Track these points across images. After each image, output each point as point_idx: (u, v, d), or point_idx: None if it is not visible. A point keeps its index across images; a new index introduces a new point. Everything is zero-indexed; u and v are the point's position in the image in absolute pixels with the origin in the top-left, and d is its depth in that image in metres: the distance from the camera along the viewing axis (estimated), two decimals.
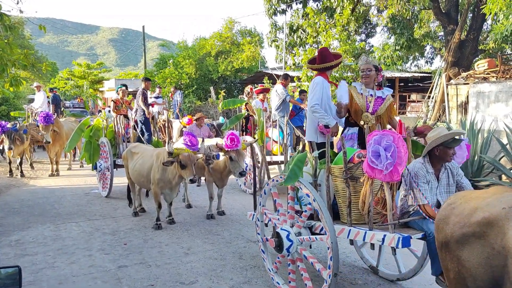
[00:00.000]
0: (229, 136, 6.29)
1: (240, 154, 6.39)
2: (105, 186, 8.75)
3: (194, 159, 5.88)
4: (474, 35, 14.76)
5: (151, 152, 6.69)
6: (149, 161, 6.48)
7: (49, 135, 10.93)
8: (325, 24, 13.09)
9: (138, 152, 6.91)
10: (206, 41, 28.61)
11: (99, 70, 44.75)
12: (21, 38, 24.20)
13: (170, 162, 5.83)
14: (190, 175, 5.78)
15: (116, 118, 8.76)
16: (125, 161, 7.16)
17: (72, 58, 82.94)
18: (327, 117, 4.85)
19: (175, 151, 5.81)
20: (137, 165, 6.69)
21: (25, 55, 7.55)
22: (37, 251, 5.49)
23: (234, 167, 6.38)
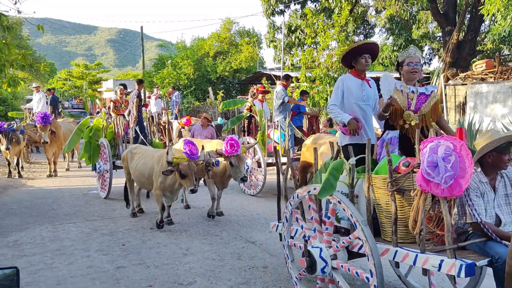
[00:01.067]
0: (229, 141, 6.16)
1: (240, 159, 6.26)
2: (104, 187, 8.64)
3: (194, 169, 5.67)
4: (472, 36, 14.80)
5: (152, 153, 6.59)
6: (150, 163, 6.37)
7: (47, 135, 10.85)
8: (323, 24, 13.10)
9: (139, 153, 6.81)
10: (205, 41, 28.62)
11: (97, 70, 44.75)
12: (19, 38, 24.15)
13: (170, 171, 5.63)
14: (190, 185, 5.59)
15: (116, 119, 8.63)
16: (124, 162, 7.04)
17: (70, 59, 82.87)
18: (340, 115, 4.46)
19: (175, 161, 5.58)
20: (139, 165, 6.59)
21: (23, 55, 7.55)
22: (35, 252, 5.48)
23: (235, 173, 6.26)
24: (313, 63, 12.91)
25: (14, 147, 10.62)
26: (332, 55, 12.65)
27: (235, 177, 6.28)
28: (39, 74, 26.60)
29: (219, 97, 21.96)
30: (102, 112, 9.78)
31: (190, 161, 5.62)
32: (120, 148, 8.53)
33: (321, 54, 12.88)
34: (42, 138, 10.88)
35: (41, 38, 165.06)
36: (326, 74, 12.38)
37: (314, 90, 12.98)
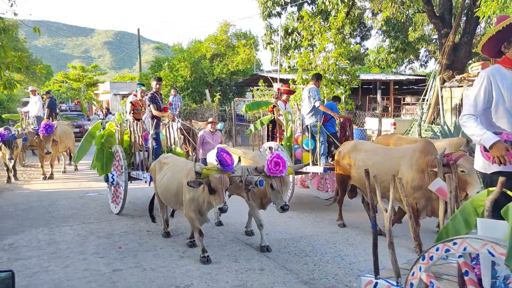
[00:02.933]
0: (274, 158, 5.03)
1: (284, 182, 5.10)
2: (117, 201, 7.54)
3: (226, 183, 4.71)
4: (468, 38, 14.87)
5: (182, 165, 5.62)
6: (178, 176, 5.39)
7: (49, 145, 10.54)
8: (320, 27, 13.13)
9: (168, 163, 5.90)
10: (202, 44, 28.62)
11: (94, 73, 44.66)
12: (15, 40, 24.10)
13: (198, 183, 4.68)
14: (220, 202, 4.60)
15: (134, 124, 7.51)
16: (153, 173, 6.19)
17: (67, 61, 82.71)
18: (478, 132, 3.09)
19: (204, 171, 4.70)
20: (164, 178, 5.68)
21: (19, 57, 7.54)
22: (31, 255, 5.46)
23: (275, 198, 5.12)
24: (309, 65, 12.93)
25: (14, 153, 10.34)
26: (329, 57, 12.68)
27: (274, 202, 5.15)
28: (35, 76, 26.54)
29: (216, 99, 21.95)
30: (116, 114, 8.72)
31: (222, 173, 4.74)
32: (137, 157, 7.54)
33: (317, 57, 12.90)
34: (45, 149, 10.51)
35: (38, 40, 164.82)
36: (323, 76, 12.39)
37: None
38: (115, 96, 41.39)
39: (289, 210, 5.43)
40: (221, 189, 4.64)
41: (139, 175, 7.40)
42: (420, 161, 5.22)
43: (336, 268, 4.99)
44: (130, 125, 7.61)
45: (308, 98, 7.84)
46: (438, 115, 14.41)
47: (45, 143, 10.44)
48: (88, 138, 8.34)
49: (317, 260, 5.21)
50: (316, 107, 7.72)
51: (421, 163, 5.20)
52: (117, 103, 39.03)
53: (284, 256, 5.39)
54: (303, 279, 4.66)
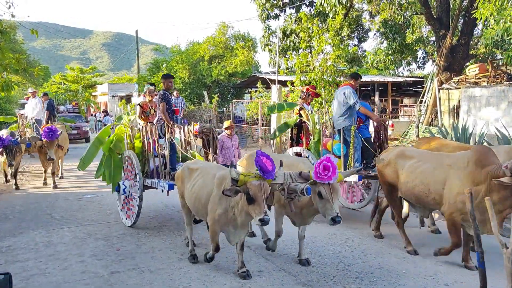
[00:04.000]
0: (323, 162, 4.36)
1: (334, 190, 4.40)
2: (128, 213, 6.84)
3: (267, 191, 4.19)
4: (465, 40, 14.91)
5: (214, 171, 4.99)
6: (209, 184, 4.81)
7: (53, 151, 9.76)
8: (318, 29, 13.14)
9: (197, 169, 5.26)
10: (200, 45, 28.63)
11: (92, 74, 44.63)
12: (13, 42, 24.04)
13: (234, 191, 4.15)
14: (260, 213, 4.07)
15: (145, 128, 6.80)
16: (178, 181, 5.50)
17: (65, 63, 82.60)
18: None
19: (242, 178, 4.16)
20: (195, 187, 5.04)
21: (17, 59, 7.53)
22: (29, 257, 5.44)
23: (324, 209, 4.41)
24: (307, 67, 12.94)
25: (15, 159, 9.70)
26: (327, 59, 12.69)
27: (323, 213, 4.47)
28: (33, 78, 26.47)
29: (214, 101, 21.95)
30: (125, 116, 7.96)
31: (262, 179, 4.18)
32: (150, 164, 6.85)
33: (315, 58, 12.91)
34: (48, 155, 9.74)
35: (36, 42, 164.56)
36: (321, 78, 12.40)
37: None
38: (113, 98, 41.40)
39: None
40: (261, 198, 4.09)
41: (155, 184, 6.67)
42: (476, 171, 4.70)
43: (334, 270, 4.99)
44: (141, 129, 6.93)
45: (343, 99, 7.04)
46: (436, 116, 14.44)
47: (47, 149, 9.72)
48: (96, 143, 7.69)
49: (315, 262, 5.21)
50: (356, 110, 6.98)
51: (478, 173, 4.68)
52: (115, 105, 39.03)
53: (282, 258, 5.39)
54: (301, 281, 4.66)
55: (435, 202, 5.12)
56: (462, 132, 9.32)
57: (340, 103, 7.10)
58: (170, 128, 6.57)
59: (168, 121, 6.72)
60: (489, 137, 9.65)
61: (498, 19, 8.81)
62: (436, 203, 5.13)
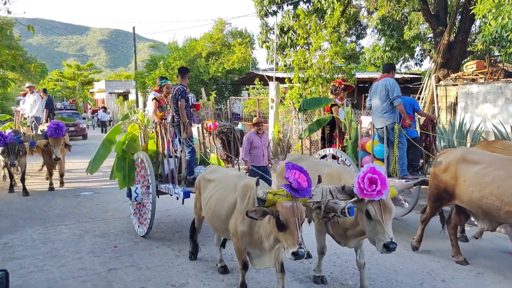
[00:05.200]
0: (366, 174, 3.48)
1: (386, 208, 3.51)
2: (142, 220, 6.23)
3: (302, 215, 3.28)
4: (463, 37, 14.91)
5: (234, 181, 4.25)
6: (230, 197, 4.10)
7: (59, 150, 9.03)
8: (316, 25, 13.12)
9: (214, 180, 4.59)
10: (197, 42, 28.55)
11: (89, 71, 44.46)
12: (9, 39, 23.94)
13: (261, 213, 3.33)
14: (292, 244, 3.18)
15: (160, 126, 6.14)
16: (197, 191, 4.93)
17: (62, 59, 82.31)
18: None
19: (270, 198, 3.35)
20: (212, 200, 4.39)
21: (13, 56, 7.51)
22: (26, 255, 5.43)
23: (373, 232, 3.54)
24: (305, 64, 12.93)
25: (20, 160, 8.97)
26: (325, 56, 12.68)
27: (372, 239, 3.59)
28: (30, 75, 26.37)
29: (211, 98, 21.92)
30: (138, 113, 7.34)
31: (295, 200, 3.32)
32: (165, 167, 6.19)
33: (313, 55, 12.90)
34: (53, 154, 9.03)
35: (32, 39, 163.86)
36: (319, 75, 12.40)
37: (307, 90, 13.01)
38: (110, 95, 41.29)
39: None
40: (295, 225, 3.21)
41: (169, 190, 6.07)
42: None
43: (331, 266, 5.00)
44: (156, 127, 6.24)
45: (385, 93, 6.20)
46: (433, 113, 14.46)
47: (53, 148, 8.99)
48: (106, 144, 6.79)
49: (313, 258, 5.22)
50: (394, 105, 6.13)
51: None
52: (112, 102, 38.93)
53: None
54: (298, 278, 4.67)
55: (509, 215, 4.41)
56: (459, 129, 9.36)
57: (382, 97, 6.22)
58: (186, 127, 5.89)
59: (185, 119, 5.92)
60: (486, 134, 9.68)
61: (497, 16, 8.80)
62: (510, 217, 4.44)
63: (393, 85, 6.16)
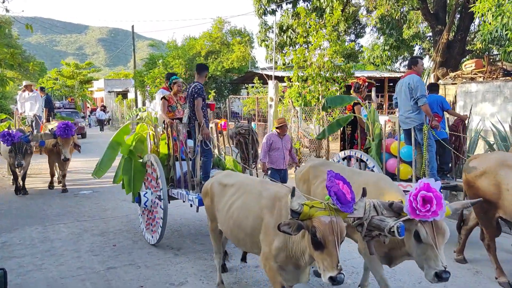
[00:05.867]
0: (420, 191, 2.96)
1: (440, 230, 3.01)
2: (152, 228, 5.79)
3: (342, 232, 2.84)
4: (462, 35, 14.93)
5: (258, 188, 3.74)
6: (255, 207, 3.59)
7: (68, 150, 8.77)
8: (315, 24, 13.11)
9: (233, 185, 4.02)
10: (196, 41, 28.52)
11: (88, 70, 44.43)
12: (8, 37, 23.90)
13: (296, 227, 2.85)
14: (330, 267, 2.76)
15: (172, 126, 5.71)
16: (207, 198, 4.31)
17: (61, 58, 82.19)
18: None
19: (306, 210, 2.86)
20: (233, 210, 3.82)
21: (12, 54, 7.49)
22: (25, 253, 5.43)
23: (424, 257, 3.05)
24: (304, 63, 12.92)
25: (26, 159, 8.73)
26: (324, 54, 12.68)
27: (420, 264, 3.12)
28: (28, 73, 26.34)
29: (210, 97, 21.89)
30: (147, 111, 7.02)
31: (335, 214, 2.87)
32: (176, 170, 5.80)
33: (313, 54, 12.89)
34: (62, 155, 8.77)
35: (31, 37, 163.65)
36: (318, 74, 12.39)
37: (306, 89, 13.01)
38: (109, 94, 41.25)
39: None
40: (334, 244, 2.76)
41: (182, 196, 5.63)
42: None
43: None
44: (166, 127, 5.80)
45: (410, 91, 5.76)
46: None
47: (62, 148, 8.74)
48: (114, 145, 6.30)
49: None
50: (419, 105, 5.67)
51: None
52: (111, 101, 38.90)
53: None
54: None
55: None
56: None
57: (408, 96, 5.81)
58: (202, 128, 5.49)
59: (201, 119, 5.53)
60: (485, 133, 9.69)
61: (496, 15, 8.81)
62: None
63: (416, 83, 5.67)
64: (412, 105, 5.76)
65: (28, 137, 8.62)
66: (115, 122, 34.64)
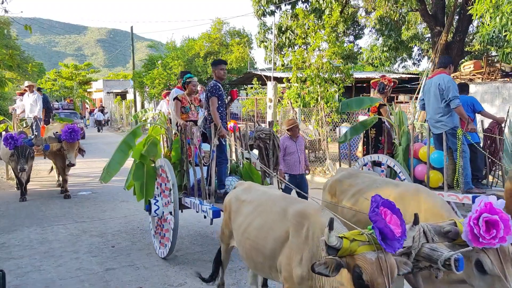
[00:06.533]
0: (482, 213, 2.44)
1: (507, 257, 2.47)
2: (162, 239, 5.33)
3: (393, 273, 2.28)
4: (460, 37, 14.96)
5: (282, 205, 3.22)
6: (279, 227, 3.08)
7: (73, 155, 8.46)
8: (314, 25, 13.12)
9: (251, 201, 3.58)
10: (195, 42, 28.54)
11: (87, 70, 44.42)
12: (7, 38, 23.89)
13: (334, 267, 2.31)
14: None
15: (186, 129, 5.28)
16: (226, 213, 3.89)
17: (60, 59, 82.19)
18: None
19: (346, 245, 2.29)
20: (251, 229, 3.37)
21: (11, 55, 7.48)
22: (23, 255, 5.42)
23: None
24: (303, 64, 12.94)
25: (28, 163, 8.42)
26: (323, 55, 12.69)
27: None
28: (27, 74, 26.32)
29: None
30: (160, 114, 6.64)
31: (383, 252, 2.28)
32: (190, 177, 5.34)
33: (311, 55, 12.90)
34: (67, 160, 8.41)
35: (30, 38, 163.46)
36: (317, 75, 12.40)
37: (305, 90, 13.02)
38: (108, 94, 41.23)
39: None
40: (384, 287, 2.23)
41: (195, 205, 5.17)
42: None
43: None
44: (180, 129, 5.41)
45: (441, 92, 5.33)
46: None
47: (67, 153, 8.40)
48: (123, 148, 5.66)
49: None
50: (452, 108, 5.24)
51: None
52: (110, 101, 38.87)
53: None
54: None
55: None
56: None
57: (438, 97, 5.39)
58: (218, 130, 5.11)
59: (217, 121, 5.15)
60: None
61: (495, 16, 8.83)
62: None
63: (448, 83, 5.23)
64: (443, 108, 5.34)
65: (31, 141, 8.34)
66: (114, 123, 34.64)
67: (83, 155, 9.19)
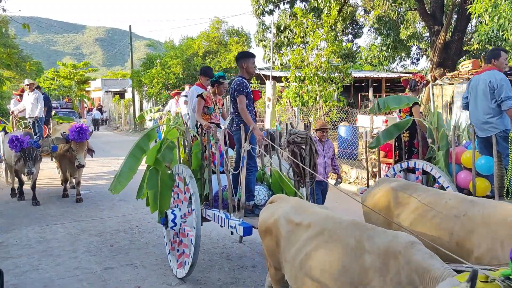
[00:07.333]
0: None
1: None
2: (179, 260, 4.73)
3: None
4: (459, 36, 14.98)
5: (356, 234, 2.57)
6: (353, 265, 2.46)
7: (82, 156, 8.12)
8: (313, 24, 13.13)
9: (309, 225, 2.87)
10: (194, 41, 28.50)
11: (85, 70, 44.32)
12: (5, 37, 23.76)
13: None
14: None
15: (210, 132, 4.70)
16: (268, 238, 3.21)
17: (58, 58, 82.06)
18: None
19: None
20: (313, 265, 2.68)
21: (9, 54, 7.44)
22: (21, 254, 5.41)
23: None
24: (302, 63, 12.94)
25: (36, 166, 8.06)
26: (321, 54, 12.70)
27: None
28: (25, 73, 26.24)
29: None
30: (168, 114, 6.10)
31: None
32: (212, 184, 4.75)
33: (310, 54, 12.92)
34: (77, 161, 8.01)
35: (28, 37, 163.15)
36: (316, 74, 12.42)
37: (303, 89, 13.03)
38: (106, 93, 41.15)
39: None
40: None
41: (219, 219, 4.52)
42: None
43: None
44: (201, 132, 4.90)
45: (492, 90, 4.82)
46: (429, 112, 14.51)
47: (76, 153, 8.04)
48: (136, 153, 4.98)
49: None
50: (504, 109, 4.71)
51: None
52: (108, 100, 38.81)
53: None
54: None
55: None
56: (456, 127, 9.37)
57: (487, 96, 4.84)
58: (251, 132, 4.43)
59: (250, 121, 4.52)
60: None
61: (493, 15, 8.84)
62: None
63: (501, 81, 4.71)
64: (493, 108, 4.80)
65: (38, 142, 8.01)
66: (112, 122, 34.58)
67: (92, 155, 8.82)
